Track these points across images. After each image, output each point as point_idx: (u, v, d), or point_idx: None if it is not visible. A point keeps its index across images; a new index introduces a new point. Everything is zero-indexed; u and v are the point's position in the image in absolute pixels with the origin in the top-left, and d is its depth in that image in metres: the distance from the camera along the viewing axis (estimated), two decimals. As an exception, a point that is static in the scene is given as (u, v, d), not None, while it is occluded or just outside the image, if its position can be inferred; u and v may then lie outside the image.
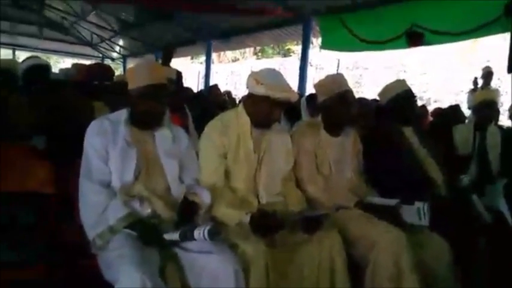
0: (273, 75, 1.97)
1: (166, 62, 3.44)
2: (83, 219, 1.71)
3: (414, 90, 2.53)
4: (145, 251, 1.58)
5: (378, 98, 2.67)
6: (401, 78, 2.55)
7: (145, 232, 1.66)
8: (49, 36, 11.69)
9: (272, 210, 1.89)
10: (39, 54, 8.10)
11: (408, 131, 2.47)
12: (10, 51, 12.07)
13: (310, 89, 5.42)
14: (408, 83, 2.54)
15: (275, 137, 2.08)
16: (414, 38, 4.87)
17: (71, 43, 12.47)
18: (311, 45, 6.97)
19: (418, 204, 1.99)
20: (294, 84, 4.92)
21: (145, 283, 1.42)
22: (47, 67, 2.94)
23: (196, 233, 1.60)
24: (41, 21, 10.89)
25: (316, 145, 2.21)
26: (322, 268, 1.83)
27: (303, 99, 3.57)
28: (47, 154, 2.10)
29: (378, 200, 2.16)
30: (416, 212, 2.00)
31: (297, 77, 6.44)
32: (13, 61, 3.88)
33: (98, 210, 1.68)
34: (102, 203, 1.69)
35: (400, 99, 2.42)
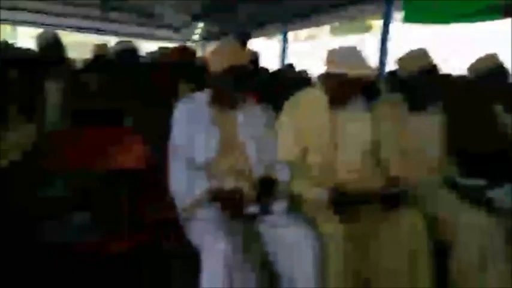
0: (351, 52, 1.95)
1: (245, 43, 3.51)
2: (172, 193, 1.85)
3: (507, 65, 2.34)
4: (229, 223, 1.68)
5: (465, 74, 2.51)
6: (493, 52, 2.35)
7: (228, 206, 1.76)
8: (135, 21, 12.34)
9: (349, 187, 1.90)
10: (126, 39, 8.63)
11: (499, 109, 2.31)
12: (103, 38, 12.94)
13: (391, 65, 5.20)
14: (500, 57, 2.35)
15: (353, 115, 2.06)
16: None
17: (155, 27, 13.08)
18: (392, 20, 6.63)
19: (509, 186, 1.88)
20: (373, 61, 4.75)
21: (228, 253, 1.52)
22: (135, 51, 3.15)
23: (275, 208, 1.67)
24: (126, 6, 11.50)
25: (397, 122, 2.15)
26: (402, 248, 1.81)
27: (384, 76, 3.46)
28: (138, 132, 2.28)
29: (464, 180, 2.06)
30: (506, 195, 1.89)
31: (377, 53, 6.20)
32: (105, 45, 4.19)
33: (184, 184, 1.81)
34: (188, 178, 1.82)
35: (491, 75, 2.26)
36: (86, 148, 2.04)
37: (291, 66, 5.96)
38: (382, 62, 6.18)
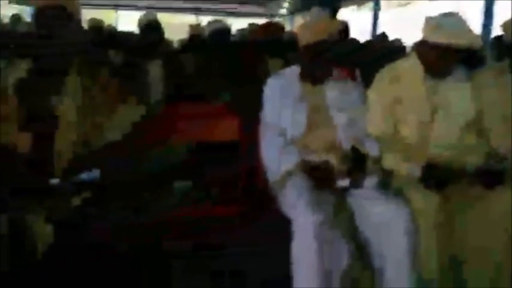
0: (452, 18, 1.83)
1: (334, 14, 3.44)
2: (265, 165, 1.94)
3: None
4: (319, 195, 1.72)
5: None
6: None
7: (318, 178, 1.79)
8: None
9: (444, 162, 1.81)
10: (217, 16, 8.89)
11: None
12: (193, 17, 13.43)
13: (496, 31, 4.72)
14: None
15: (452, 86, 1.94)
16: None
17: (242, 3, 13.24)
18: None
19: None
20: (476, 26, 4.36)
21: (319, 224, 1.57)
22: (228, 30, 3.27)
23: (366, 183, 1.67)
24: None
25: (503, 93, 1.98)
26: (498, 228, 1.71)
27: (489, 42, 3.18)
28: (234, 107, 2.39)
29: None
30: None
31: (480, 17, 5.67)
32: (199, 26, 4.38)
33: (275, 159, 1.88)
34: (278, 153, 1.88)
35: None
36: (184, 124, 2.19)
37: (383, 35, 5.68)
38: (486, 27, 5.65)
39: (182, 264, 1.75)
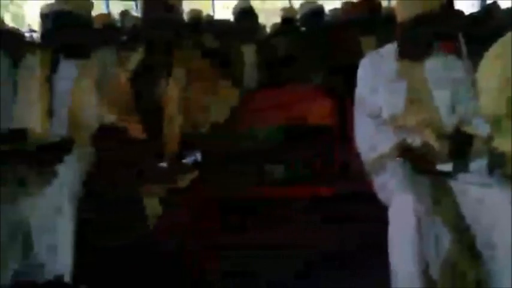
0: None
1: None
2: (358, 147, 1.90)
3: None
4: (418, 179, 1.65)
5: None
6: None
7: (417, 162, 1.71)
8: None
9: None
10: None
11: None
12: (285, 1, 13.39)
13: None
14: None
15: None
16: None
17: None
18: None
19: None
20: None
21: (418, 207, 1.50)
22: (321, 10, 3.23)
23: (473, 166, 1.55)
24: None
25: None
26: None
27: None
28: (326, 89, 2.38)
29: None
30: None
31: None
32: (292, 8, 4.38)
33: (370, 139, 1.83)
34: (373, 133, 1.83)
35: None
36: (279, 105, 2.23)
37: (494, 5, 5.14)
38: None
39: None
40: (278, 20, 4.45)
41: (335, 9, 4.60)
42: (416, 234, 1.50)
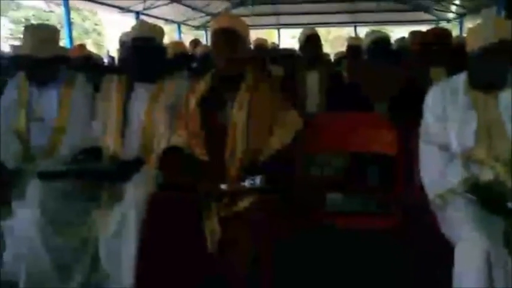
0: None
1: (510, 15, 3.06)
2: (423, 179, 1.83)
3: None
4: (489, 217, 1.55)
5: None
6: None
7: (487, 198, 1.62)
8: (384, 8, 12.28)
9: None
10: (376, 27, 8.72)
11: None
12: (352, 29, 13.42)
13: None
14: None
15: None
16: None
17: (404, 11, 12.67)
18: None
19: None
20: None
21: (488, 246, 1.41)
22: (387, 39, 3.20)
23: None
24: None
25: None
26: None
27: None
28: (390, 119, 2.34)
29: None
30: None
31: None
32: (358, 38, 4.39)
33: (437, 172, 1.76)
34: (441, 165, 1.76)
35: None
36: (342, 132, 2.22)
37: None
38: None
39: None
40: (342, 48, 4.48)
41: (402, 38, 4.53)
42: (484, 275, 1.41)
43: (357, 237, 2.03)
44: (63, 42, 7.63)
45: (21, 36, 2.24)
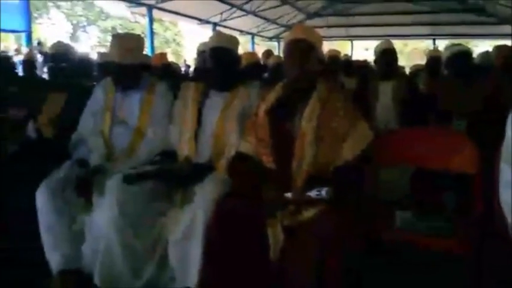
0: None
1: None
2: (502, 202, 1.70)
3: None
4: None
5: None
6: None
7: None
8: (466, 20, 11.66)
9: None
10: (458, 40, 8.29)
11: None
12: (430, 41, 12.88)
13: None
14: None
15: None
16: None
17: (488, 24, 11.92)
18: None
19: None
20: None
21: None
22: (469, 53, 3.04)
23: None
24: (459, 7, 11.00)
25: None
26: None
27: None
28: (469, 136, 2.20)
29: None
30: None
31: None
32: (437, 50, 4.22)
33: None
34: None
35: None
36: (416, 147, 2.14)
37: None
38: None
39: None
40: (420, 62, 4.32)
41: (486, 53, 4.27)
42: None
43: (427, 259, 1.94)
44: (146, 51, 8.14)
45: (109, 44, 2.41)
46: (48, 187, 2.14)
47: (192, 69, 8.94)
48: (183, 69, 7.73)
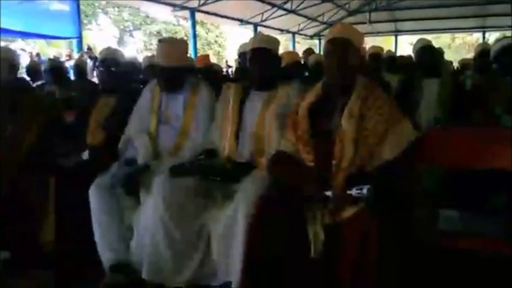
0: None
1: None
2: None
3: None
4: None
5: None
6: None
7: None
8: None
9: None
10: (510, 33, 7.89)
11: None
12: (480, 34, 12.34)
13: None
14: None
15: None
16: None
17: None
18: None
19: None
20: None
21: None
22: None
23: None
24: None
25: None
26: None
27: None
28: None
29: None
30: None
31: None
32: (487, 43, 4.05)
33: None
34: None
35: None
36: (462, 145, 2.08)
37: None
38: None
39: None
40: (468, 55, 4.16)
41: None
42: None
43: (473, 261, 1.88)
44: (189, 53, 8.34)
45: (155, 48, 2.52)
46: (98, 186, 2.27)
47: (233, 69, 9.07)
48: (224, 70, 7.85)
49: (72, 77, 5.33)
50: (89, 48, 10.69)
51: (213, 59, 8.47)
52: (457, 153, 2.09)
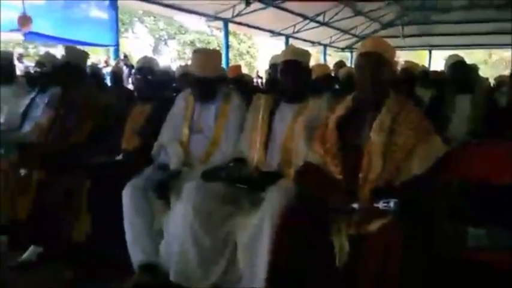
0: None
1: None
2: None
3: None
4: None
5: None
6: None
7: None
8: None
9: None
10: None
11: None
12: None
13: None
14: None
15: None
16: None
17: None
18: None
19: None
20: None
21: None
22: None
23: None
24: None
25: None
26: None
27: None
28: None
29: None
30: None
31: None
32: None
33: None
34: None
35: None
36: (494, 162, 2.06)
37: None
38: None
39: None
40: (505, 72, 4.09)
41: None
42: None
43: (496, 275, 1.84)
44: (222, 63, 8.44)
45: (190, 58, 2.59)
46: (132, 188, 2.35)
47: (263, 80, 9.12)
48: (254, 80, 7.92)
49: (108, 83, 5.51)
50: (125, 56, 10.99)
51: (245, 70, 8.58)
52: (487, 168, 2.06)
